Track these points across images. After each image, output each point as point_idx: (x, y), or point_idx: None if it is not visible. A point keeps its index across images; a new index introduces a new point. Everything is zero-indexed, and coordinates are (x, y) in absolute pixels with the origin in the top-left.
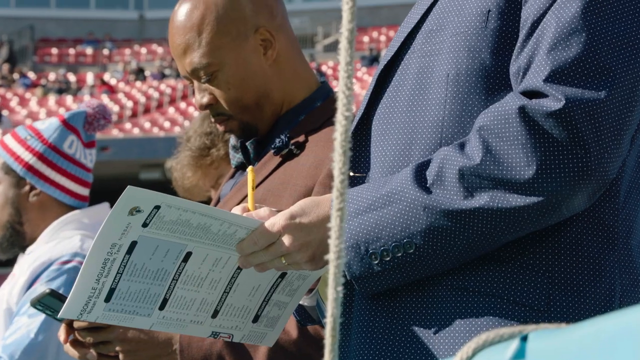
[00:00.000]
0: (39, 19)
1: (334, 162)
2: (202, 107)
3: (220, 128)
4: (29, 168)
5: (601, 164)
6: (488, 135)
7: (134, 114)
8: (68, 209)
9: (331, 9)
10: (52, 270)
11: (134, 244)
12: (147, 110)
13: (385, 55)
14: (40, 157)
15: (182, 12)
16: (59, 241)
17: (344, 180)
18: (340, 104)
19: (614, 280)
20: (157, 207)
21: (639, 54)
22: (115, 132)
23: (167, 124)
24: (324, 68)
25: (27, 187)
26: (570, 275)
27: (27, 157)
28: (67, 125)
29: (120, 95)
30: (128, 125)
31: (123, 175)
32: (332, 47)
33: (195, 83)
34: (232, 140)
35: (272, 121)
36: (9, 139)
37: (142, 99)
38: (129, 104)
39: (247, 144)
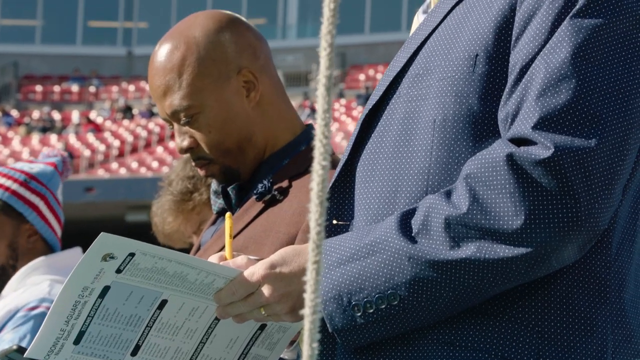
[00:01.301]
0: (23, 55)
1: (311, 213)
2: (182, 151)
3: (201, 172)
4: (35, 208)
5: (592, 214)
6: (475, 184)
7: (121, 154)
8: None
9: None
10: (19, 317)
11: (106, 289)
12: (134, 150)
13: (371, 99)
14: (43, 198)
15: (162, 52)
16: (26, 288)
17: (320, 232)
18: (318, 153)
19: (606, 335)
20: (132, 254)
21: (630, 101)
22: (101, 173)
23: (155, 164)
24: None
25: (27, 231)
26: (561, 330)
27: (34, 199)
28: (58, 171)
29: (107, 134)
30: (114, 165)
31: (109, 217)
32: None
33: (175, 126)
34: (214, 185)
35: (254, 165)
36: (6, 181)
37: (130, 138)
38: (116, 143)
39: (228, 189)
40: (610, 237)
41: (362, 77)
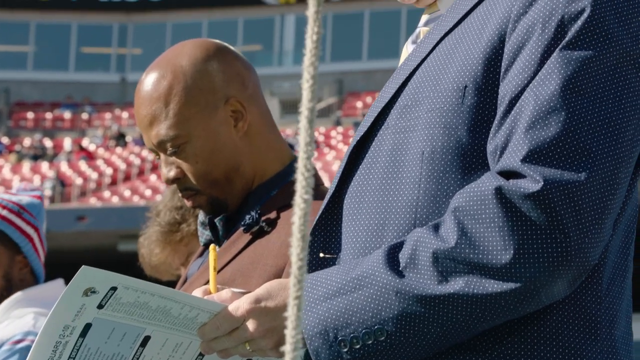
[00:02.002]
0: (14, 82)
1: (292, 248)
2: (169, 182)
3: (188, 203)
4: (30, 240)
5: (582, 249)
6: (463, 217)
7: (114, 182)
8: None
9: (323, 72)
10: (4, 351)
11: (88, 327)
12: (127, 178)
13: (359, 130)
14: (36, 230)
15: (148, 81)
16: (11, 321)
17: (302, 267)
18: (300, 186)
19: None
20: (114, 288)
21: (620, 134)
22: (93, 201)
23: (148, 192)
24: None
25: (19, 262)
26: None
27: (29, 230)
28: (42, 205)
29: (99, 162)
30: (107, 194)
31: (101, 247)
32: (324, 113)
33: (162, 156)
34: (201, 216)
35: (242, 196)
36: (2, 210)
37: (123, 166)
38: (109, 170)
39: (215, 220)
40: (600, 273)
41: (359, 104)
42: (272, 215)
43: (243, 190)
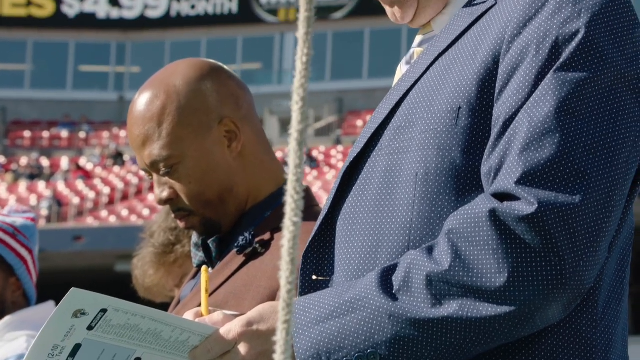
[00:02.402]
0: (11, 100)
1: (281, 271)
2: (162, 202)
3: (181, 224)
4: (25, 262)
5: (576, 272)
6: (457, 240)
7: (111, 201)
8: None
9: (323, 91)
10: None
11: (77, 347)
12: (125, 197)
13: (352, 151)
14: (30, 252)
15: (141, 101)
16: (3, 344)
17: (291, 291)
18: (289, 209)
19: None
20: (104, 311)
21: (615, 156)
22: (90, 221)
23: (146, 212)
24: (314, 153)
25: (12, 285)
26: None
27: (23, 252)
28: (36, 227)
29: (97, 181)
30: (104, 213)
31: (97, 267)
32: (324, 132)
33: (155, 176)
34: (194, 237)
35: (236, 217)
36: None
37: (120, 185)
38: (106, 190)
39: (209, 241)
40: (596, 296)
41: (359, 123)
42: (266, 236)
43: (237, 211)
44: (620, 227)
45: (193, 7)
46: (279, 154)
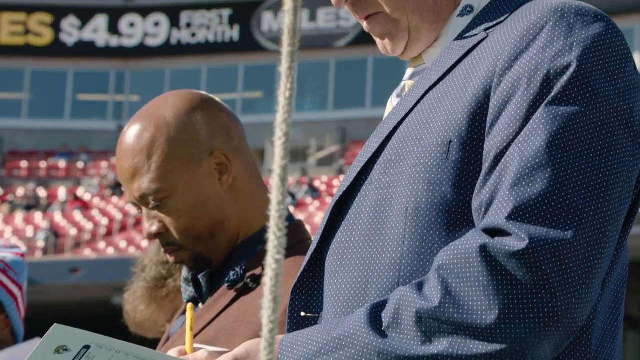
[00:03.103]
0: (8, 130)
1: (263, 310)
2: (151, 237)
3: (171, 259)
4: (15, 299)
5: (569, 309)
6: (448, 276)
7: (109, 232)
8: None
9: (325, 120)
10: None
11: None
12: (123, 228)
13: (342, 185)
14: (21, 289)
15: (131, 133)
16: None
17: (273, 330)
18: (271, 246)
19: None
20: (87, 347)
21: (607, 192)
22: (87, 253)
23: (145, 243)
24: (316, 183)
25: (1, 322)
26: None
27: (14, 288)
28: (25, 263)
29: (95, 212)
30: (102, 245)
31: (94, 300)
32: (326, 161)
33: (144, 210)
34: (184, 272)
35: (226, 252)
36: None
37: (119, 216)
38: (104, 221)
39: (199, 276)
40: (589, 334)
41: None
42: (258, 271)
43: (227, 245)
44: (613, 263)
45: (194, 35)
46: None
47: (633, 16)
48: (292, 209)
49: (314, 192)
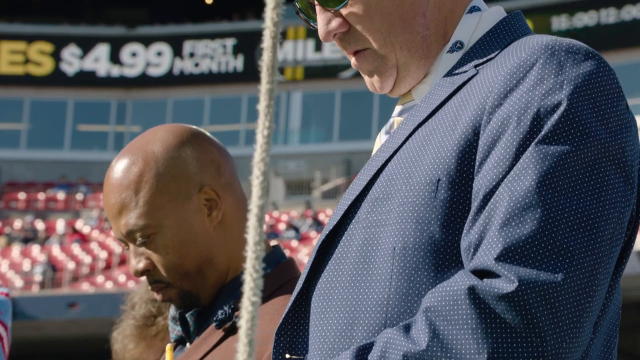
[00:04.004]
0: (6, 161)
1: (238, 354)
2: (138, 274)
3: (158, 297)
4: (1, 339)
5: (559, 353)
6: (435, 318)
7: (108, 266)
8: None
9: (330, 152)
10: None
11: None
12: (122, 262)
13: (328, 224)
14: (6, 329)
15: (118, 168)
16: None
17: None
18: (247, 288)
19: None
20: None
21: (598, 233)
22: (85, 287)
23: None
24: (321, 217)
25: None
26: None
27: (0, 329)
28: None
29: (94, 245)
30: (100, 279)
31: (92, 336)
32: (331, 194)
33: (131, 246)
34: (172, 310)
35: (215, 290)
36: None
37: (118, 249)
38: (103, 254)
39: (187, 315)
40: None
41: None
42: None
43: (216, 283)
44: (605, 306)
45: (197, 64)
46: (284, 217)
47: None
48: (295, 243)
49: (319, 225)
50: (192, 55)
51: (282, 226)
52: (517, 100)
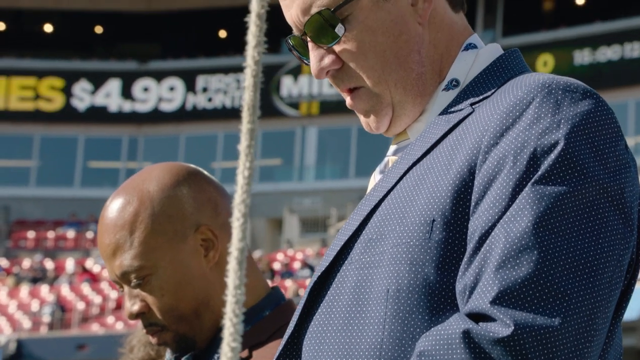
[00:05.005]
0: (15, 199)
1: None
2: (132, 317)
3: (153, 340)
4: None
5: None
6: None
7: (118, 306)
8: None
9: (346, 189)
10: None
11: None
12: None
13: (321, 265)
14: None
15: (113, 208)
16: None
17: None
18: (227, 333)
19: None
20: None
21: (597, 276)
22: (95, 328)
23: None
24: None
25: None
26: None
27: None
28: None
29: (104, 285)
30: (110, 320)
31: None
32: None
33: (126, 288)
34: (167, 354)
35: (212, 332)
36: None
37: None
38: (113, 294)
39: (183, 359)
40: None
41: None
42: (244, 354)
43: (213, 326)
44: (605, 352)
45: (210, 100)
46: (299, 255)
47: None
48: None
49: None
50: (205, 90)
51: (297, 265)
52: (514, 140)
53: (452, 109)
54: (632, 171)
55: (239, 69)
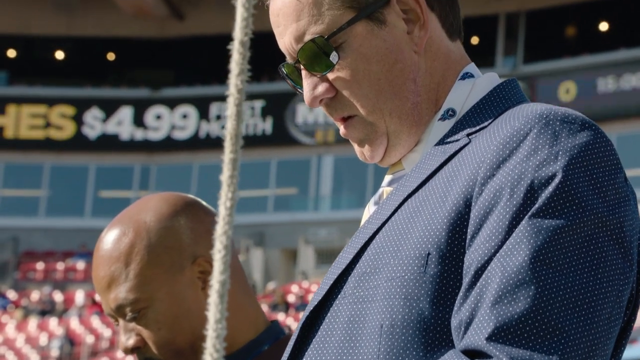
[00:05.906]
0: (24, 230)
1: None
2: (128, 351)
3: None
4: None
5: None
6: None
7: None
8: None
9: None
10: None
11: None
12: None
13: (313, 299)
14: None
15: (108, 239)
16: None
17: None
18: None
19: None
20: None
21: (595, 312)
22: None
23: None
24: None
25: None
26: None
27: None
28: None
29: None
30: (121, 354)
31: None
32: None
33: (121, 322)
34: None
35: None
36: None
37: None
38: None
39: None
40: None
41: None
42: None
43: None
44: None
45: (223, 127)
46: (314, 288)
47: None
48: None
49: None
50: (219, 117)
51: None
52: (510, 171)
53: (448, 140)
54: (632, 204)
55: (254, 96)
